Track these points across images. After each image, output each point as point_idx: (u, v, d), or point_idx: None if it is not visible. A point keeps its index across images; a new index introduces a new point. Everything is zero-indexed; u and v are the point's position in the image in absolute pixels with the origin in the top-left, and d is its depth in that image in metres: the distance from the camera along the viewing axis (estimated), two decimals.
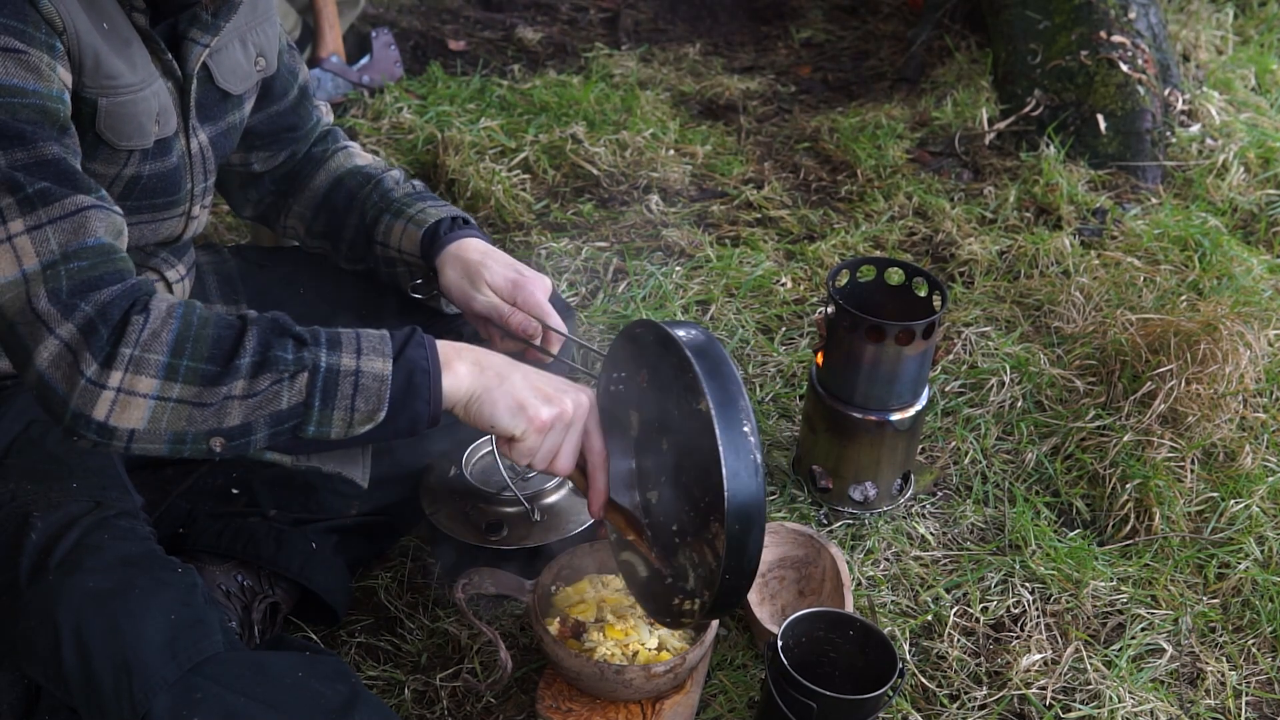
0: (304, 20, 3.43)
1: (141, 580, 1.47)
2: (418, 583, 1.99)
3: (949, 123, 3.36)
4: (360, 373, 1.43)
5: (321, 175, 1.96)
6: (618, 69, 3.67)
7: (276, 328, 1.43)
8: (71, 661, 1.42)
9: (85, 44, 1.45)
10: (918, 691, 1.84)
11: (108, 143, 1.53)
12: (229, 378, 1.38)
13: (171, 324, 1.38)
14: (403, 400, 1.45)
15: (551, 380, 1.53)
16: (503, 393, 1.48)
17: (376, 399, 1.43)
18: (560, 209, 2.98)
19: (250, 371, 1.39)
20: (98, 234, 1.39)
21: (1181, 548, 2.10)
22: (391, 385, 1.44)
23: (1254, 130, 3.28)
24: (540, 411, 1.48)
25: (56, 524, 1.51)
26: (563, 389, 1.52)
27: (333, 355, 1.43)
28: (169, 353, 1.37)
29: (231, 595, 1.78)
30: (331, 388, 1.42)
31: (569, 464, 1.54)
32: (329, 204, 1.94)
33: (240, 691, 1.42)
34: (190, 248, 1.89)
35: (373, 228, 1.89)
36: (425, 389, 1.45)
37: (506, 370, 1.50)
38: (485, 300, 1.80)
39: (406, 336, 1.48)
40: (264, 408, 1.40)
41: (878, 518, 2.12)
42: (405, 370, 1.45)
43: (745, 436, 1.43)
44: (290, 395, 1.41)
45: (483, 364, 1.50)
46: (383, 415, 1.44)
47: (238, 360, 1.38)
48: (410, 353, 1.46)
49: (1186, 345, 2.28)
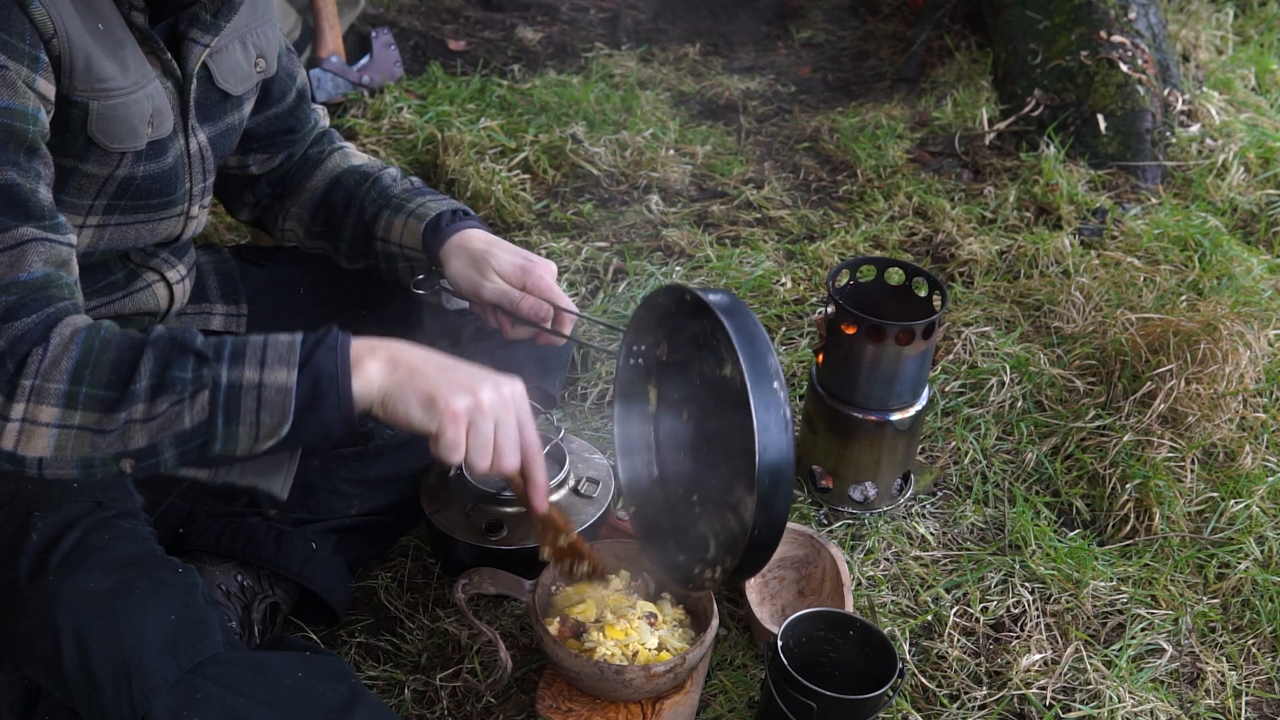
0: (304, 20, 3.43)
1: (141, 581, 1.47)
2: (418, 583, 1.99)
3: (949, 123, 3.36)
4: (263, 385, 1.40)
5: (318, 176, 1.96)
6: (618, 69, 3.67)
7: (176, 345, 1.40)
8: (71, 662, 1.42)
9: (76, 47, 1.44)
10: (918, 691, 1.84)
11: (99, 145, 1.53)
12: (127, 403, 1.37)
13: (72, 350, 1.38)
14: (309, 409, 1.41)
15: (473, 371, 1.46)
16: (413, 388, 1.42)
17: (281, 411, 1.40)
18: (560, 209, 2.98)
19: (148, 395, 1.37)
20: (33, 268, 1.38)
21: (1181, 548, 2.10)
22: (296, 395, 1.40)
23: (1254, 130, 3.28)
24: (452, 402, 1.41)
25: (57, 524, 1.52)
26: (482, 379, 1.45)
27: (234, 370, 1.40)
28: (68, 380, 1.37)
29: (231, 595, 1.78)
30: (234, 404, 1.39)
31: (512, 457, 1.48)
32: (327, 203, 1.94)
33: (240, 692, 1.42)
34: (191, 248, 1.89)
35: (373, 224, 1.89)
36: (334, 394, 1.41)
37: (421, 364, 1.44)
38: (494, 287, 1.78)
39: (317, 340, 1.43)
40: (167, 429, 1.38)
41: (878, 518, 2.12)
42: (310, 378, 1.40)
43: (775, 392, 1.44)
44: (192, 415, 1.39)
45: (396, 360, 1.44)
46: (286, 429, 1.41)
47: (135, 384, 1.37)
48: (317, 358, 1.41)
49: (1186, 345, 2.28)
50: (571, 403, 2.37)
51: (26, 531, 1.51)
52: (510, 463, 1.48)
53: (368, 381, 1.43)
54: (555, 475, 1.96)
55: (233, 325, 1.95)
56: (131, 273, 1.76)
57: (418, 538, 2.06)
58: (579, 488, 1.98)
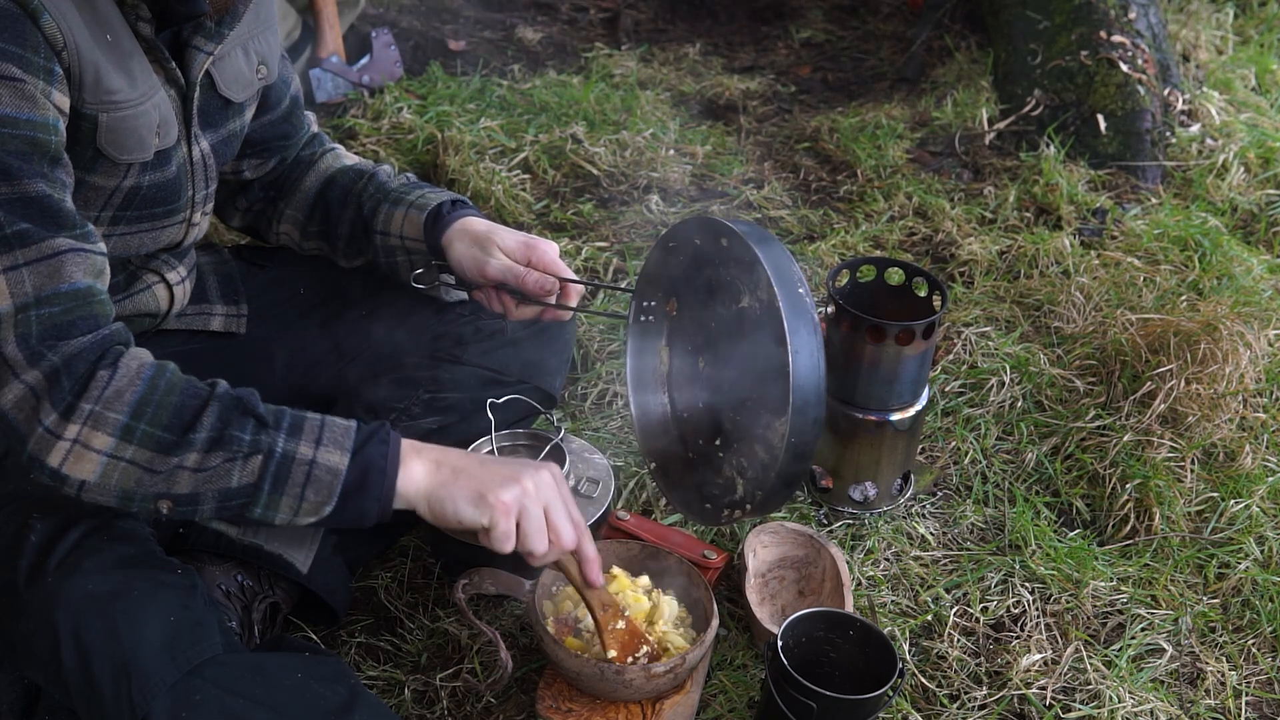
0: (304, 20, 3.43)
1: (140, 582, 1.47)
2: (418, 583, 1.99)
3: (949, 123, 3.36)
4: (315, 463, 1.44)
5: (312, 176, 1.96)
6: (618, 69, 3.67)
7: (240, 406, 1.44)
8: (71, 664, 1.42)
9: (86, 60, 1.44)
10: (918, 691, 1.84)
11: (108, 157, 1.53)
12: (182, 449, 1.40)
13: (138, 385, 1.41)
14: (354, 495, 1.46)
15: (512, 464, 1.53)
16: (459, 487, 1.49)
17: (327, 491, 1.45)
18: (560, 209, 2.98)
19: (205, 445, 1.41)
20: (74, 278, 1.40)
21: (1181, 548, 2.10)
22: (345, 480, 1.45)
23: (1254, 130, 3.27)
24: (501, 495, 1.48)
25: (55, 525, 1.52)
26: (522, 468, 1.52)
27: (291, 441, 1.44)
28: (129, 414, 1.40)
29: (231, 595, 1.78)
30: (284, 474, 1.44)
31: (569, 533, 1.54)
32: (323, 201, 1.94)
33: (239, 693, 1.43)
34: (191, 250, 1.89)
35: (371, 218, 1.89)
36: (379, 487, 1.47)
37: (463, 464, 1.51)
38: (500, 263, 1.79)
39: (371, 432, 1.49)
40: (213, 483, 1.42)
41: (878, 518, 2.12)
42: (361, 467, 1.46)
43: (802, 298, 1.51)
44: (241, 475, 1.42)
45: (440, 461, 1.50)
46: (329, 509, 1.46)
47: (194, 434, 1.41)
48: (370, 450, 1.47)
49: (1186, 345, 2.28)
50: (571, 403, 2.37)
51: (25, 533, 1.51)
52: (567, 540, 1.54)
53: (412, 480, 1.49)
54: None
55: (232, 325, 1.95)
56: (132, 274, 1.77)
57: (418, 538, 2.06)
58: (579, 488, 1.98)
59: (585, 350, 2.48)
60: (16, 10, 1.37)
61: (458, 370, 2.01)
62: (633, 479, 2.14)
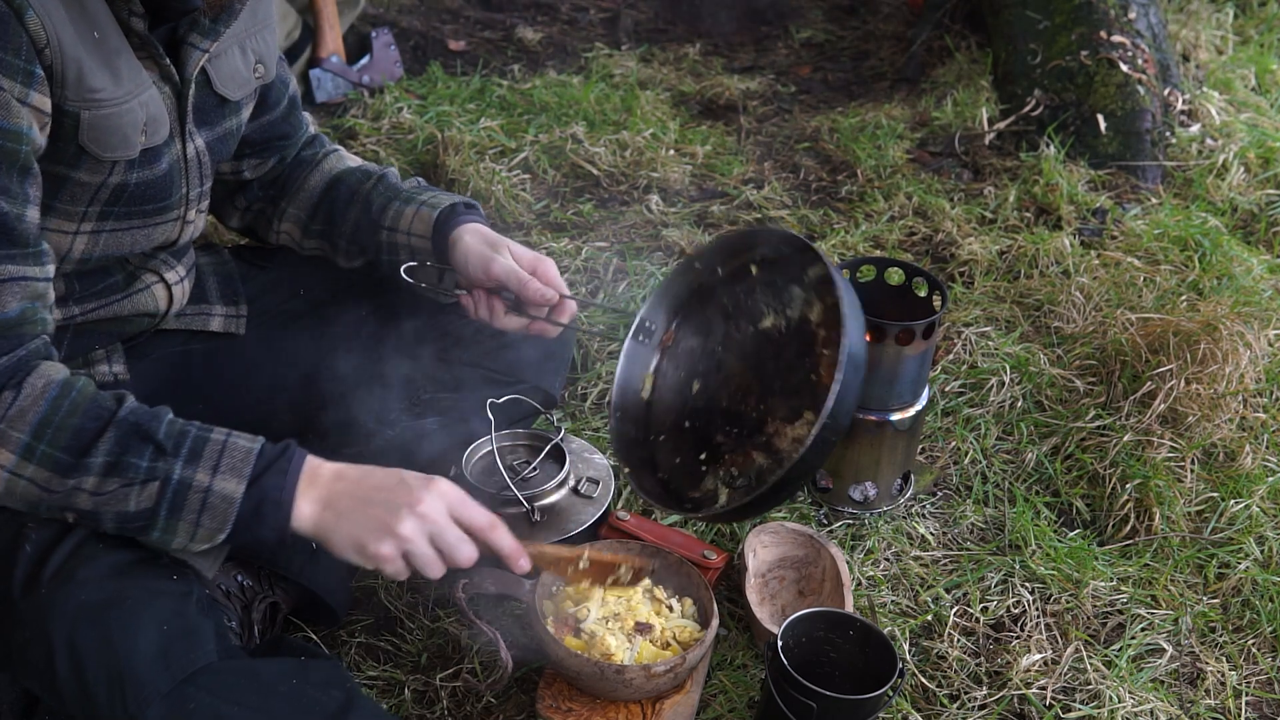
0: (304, 20, 3.43)
1: (134, 590, 1.47)
2: (418, 583, 1.99)
3: (949, 123, 3.36)
4: (210, 491, 1.45)
5: (316, 176, 1.96)
6: (618, 69, 3.67)
7: (138, 432, 1.45)
8: (65, 673, 1.42)
9: (68, 57, 1.44)
10: (918, 691, 1.84)
11: (91, 154, 1.53)
12: (78, 472, 1.43)
13: (40, 405, 1.43)
14: (247, 524, 1.47)
15: (390, 499, 1.49)
16: (342, 535, 1.49)
17: (221, 519, 1.46)
18: (560, 209, 2.98)
19: (101, 470, 1.43)
20: (7, 307, 1.43)
21: (1181, 548, 2.10)
22: (239, 509, 1.46)
23: (1254, 130, 3.28)
24: (380, 548, 1.48)
25: (51, 534, 1.52)
26: (402, 503, 1.49)
27: (189, 468, 1.45)
28: (30, 434, 1.42)
29: (231, 595, 1.78)
30: (180, 501, 1.45)
31: (462, 553, 1.52)
32: (329, 200, 1.94)
33: (234, 700, 1.43)
34: (190, 249, 1.88)
35: (380, 215, 1.89)
36: (274, 518, 1.47)
37: (346, 506, 1.49)
38: (507, 263, 1.79)
39: (272, 460, 1.48)
40: (111, 505, 1.45)
41: (878, 518, 2.12)
42: (255, 499, 1.46)
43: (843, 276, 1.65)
44: (138, 500, 1.45)
45: (327, 501, 1.49)
46: (223, 536, 1.47)
47: (90, 458, 1.43)
48: (266, 481, 1.47)
49: (1186, 345, 2.28)
50: (572, 403, 2.37)
51: (20, 543, 1.51)
52: (464, 557, 1.52)
53: (302, 520, 1.49)
54: (555, 475, 1.97)
55: (232, 326, 1.95)
56: (130, 275, 1.76)
57: None
58: (579, 488, 1.98)
59: (585, 350, 2.48)
60: (1, 7, 1.37)
61: (458, 370, 2.01)
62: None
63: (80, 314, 1.72)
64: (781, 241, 1.73)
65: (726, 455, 1.68)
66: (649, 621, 1.75)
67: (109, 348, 1.80)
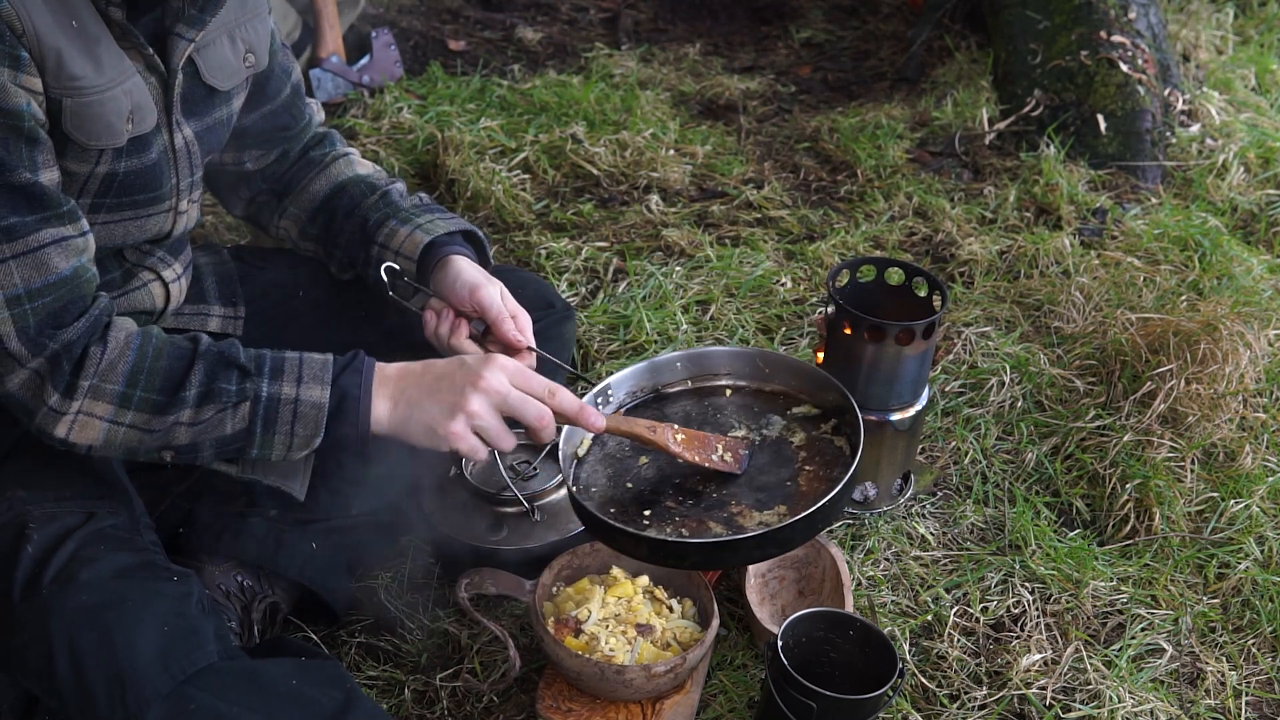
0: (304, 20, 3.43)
1: (134, 592, 1.47)
2: (418, 583, 1.99)
3: (949, 123, 3.36)
4: (299, 400, 1.55)
5: (322, 180, 1.96)
6: (618, 69, 3.67)
7: (223, 359, 1.54)
8: (65, 675, 1.42)
9: (46, 45, 1.45)
10: (918, 691, 1.84)
11: (76, 141, 1.53)
12: (175, 408, 1.52)
13: (128, 355, 1.51)
14: (332, 422, 1.57)
15: (454, 380, 1.58)
16: (415, 425, 1.58)
17: (314, 425, 1.56)
18: (560, 209, 2.98)
19: (196, 401, 1.52)
20: (59, 268, 1.49)
21: (1181, 548, 2.10)
22: (328, 410, 1.55)
23: (1254, 130, 3.28)
24: (451, 426, 1.56)
25: (52, 536, 1.52)
26: (463, 386, 1.57)
27: (274, 385, 1.55)
28: (124, 383, 1.51)
29: (231, 595, 1.78)
30: (273, 415, 1.55)
31: (531, 414, 1.59)
32: (329, 208, 1.94)
33: (234, 702, 1.43)
34: (186, 245, 1.88)
35: (375, 230, 1.89)
36: (354, 414, 1.57)
37: (416, 396, 1.58)
38: (493, 294, 1.80)
39: (347, 361, 1.58)
40: (209, 433, 1.54)
41: (878, 518, 2.12)
42: (338, 396, 1.56)
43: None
44: (234, 422, 1.54)
45: (397, 398, 1.59)
46: (319, 440, 1.56)
47: (185, 392, 1.52)
48: (345, 379, 1.57)
49: (1186, 345, 2.28)
50: None
51: (21, 545, 1.51)
52: (532, 415, 1.59)
53: (379, 418, 1.59)
54: (555, 475, 1.97)
55: (229, 327, 1.95)
56: (128, 272, 1.76)
57: (418, 538, 2.06)
58: None
59: (585, 350, 2.48)
60: None
61: None
62: None
63: None
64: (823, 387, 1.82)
65: (677, 518, 1.67)
66: (649, 622, 1.76)
67: None
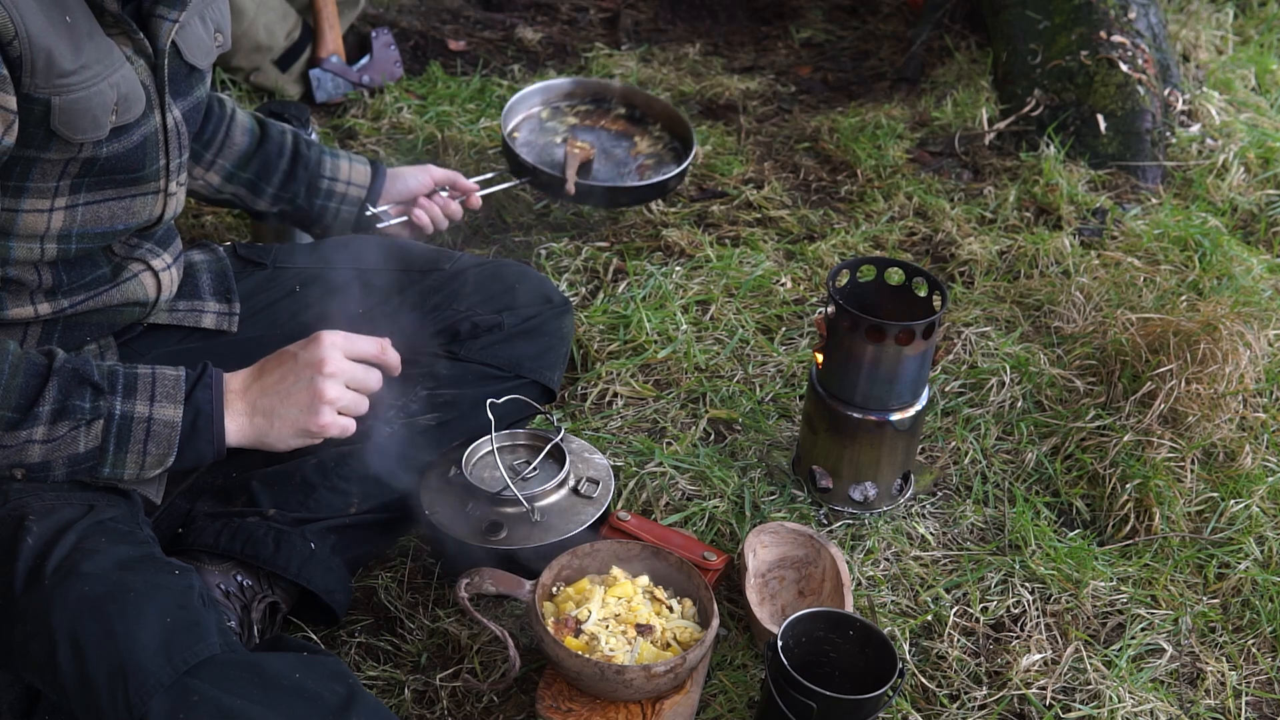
0: (304, 20, 3.42)
1: (137, 583, 1.47)
2: (418, 583, 1.99)
3: (949, 123, 3.36)
4: (152, 420, 1.57)
5: (238, 131, 2.12)
6: (618, 69, 3.67)
7: (77, 376, 1.54)
8: (67, 667, 1.42)
9: (38, 46, 1.46)
10: (918, 691, 1.84)
11: (62, 137, 1.55)
12: (29, 424, 1.52)
13: None
14: (189, 442, 1.60)
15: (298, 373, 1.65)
16: (278, 433, 1.65)
17: (167, 444, 1.59)
18: (560, 209, 2.98)
19: (49, 418, 1.53)
20: None
21: (1181, 548, 2.10)
22: (180, 430, 1.57)
23: (1254, 130, 3.27)
24: (319, 420, 1.65)
25: (52, 528, 1.52)
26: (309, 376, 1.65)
27: (127, 403, 1.56)
28: None
29: (230, 595, 1.78)
30: (125, 435, 1.57)
31: (375, 379, 1.73)
32: (262, 153, 2.14)
33: (237, 694, 1.43)
34: (176, 237, 1.89)
35: (319, 167, 2.18)
36: (208, 431, 1.61)
37: (269, 404, 1.65)
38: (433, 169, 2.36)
39: (197, 377, 1.61)
40: (61, 450, 1.55)
41: (878, 518, 2.12)
42: (191, 413, 1.58)
43: None
44: (87, 441, 1.56)
45: (251, 411, 1.65)
46: (172, 459, 1.58)
47: (38, 408, 1.52)
48: (197, 395, 1.61)
49: (1186, 345, 2.28)
50: (571, 403, 2.36)
51: (21, 537, 1.51)
52: (375, 383, 1.74)
53: (236, 433, 1.64)
54: (555, 475, 1.97)
55: (224, 324, 1.95)
56: (117, 266, 1.78)
57: (418, 538, 2.06)
58: (579, 488, 1.98)
59: (585, 350, 2.48)
60: None
61: (455, 366, 2.02)
62: (633, 479, 2.14)
63: (70, 306, 1.73)
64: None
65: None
66: (649, 622, 1.75)
67: (101, 341, 1.80)
